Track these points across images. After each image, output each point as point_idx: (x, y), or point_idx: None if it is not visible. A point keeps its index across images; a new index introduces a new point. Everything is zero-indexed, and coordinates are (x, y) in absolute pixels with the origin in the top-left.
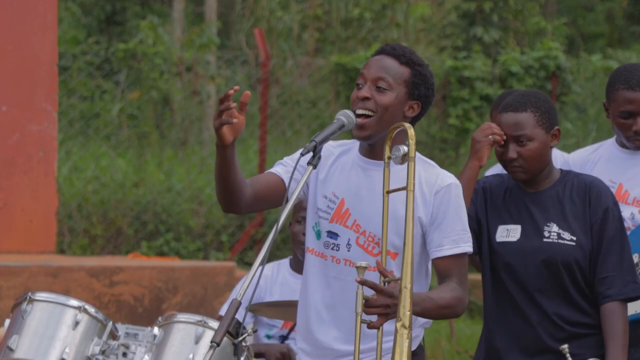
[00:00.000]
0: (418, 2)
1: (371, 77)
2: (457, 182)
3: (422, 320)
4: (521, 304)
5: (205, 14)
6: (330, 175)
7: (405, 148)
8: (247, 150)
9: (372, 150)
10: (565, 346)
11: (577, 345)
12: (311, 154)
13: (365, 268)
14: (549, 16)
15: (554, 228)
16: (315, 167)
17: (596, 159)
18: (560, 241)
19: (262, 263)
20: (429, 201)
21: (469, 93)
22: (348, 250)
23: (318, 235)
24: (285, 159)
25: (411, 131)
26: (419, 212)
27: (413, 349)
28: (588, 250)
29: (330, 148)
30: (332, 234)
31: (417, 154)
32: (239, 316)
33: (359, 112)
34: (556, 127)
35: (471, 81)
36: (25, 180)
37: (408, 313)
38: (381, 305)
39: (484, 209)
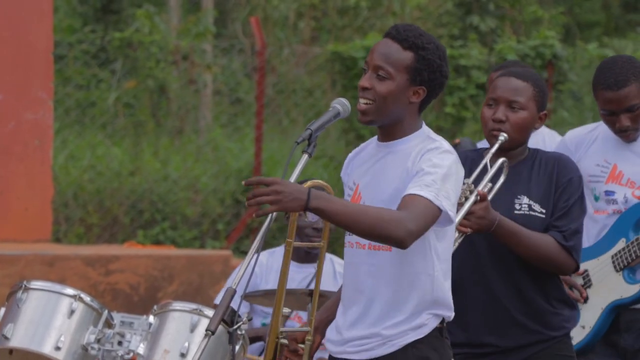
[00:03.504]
0: None
1: (372, 65)
2: (447, 147)
3: (434, 304)
4: (490, 278)
5: (201, 2)
6: (351, 170)
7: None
8: (243, 139)
9: (384, 132)
10: None
11: (542, 322)
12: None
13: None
14: (545, 5)
15: (525, 200)
16: (310, 155)
17: (592, 139)
18: (531, 212)
19: (258, 251)
20: (416, 164)
21: (465, 82)
22: None
23: None
24: None
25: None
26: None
27: (419, 337)
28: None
29: (352, 154)
30: None
31: (427, 130)
32: (234, 305)
33: (360, 101)
34: (544, 112)
35: (467, 70)
36: (21, 168)
37: None
38: (265, 193)
39: None
